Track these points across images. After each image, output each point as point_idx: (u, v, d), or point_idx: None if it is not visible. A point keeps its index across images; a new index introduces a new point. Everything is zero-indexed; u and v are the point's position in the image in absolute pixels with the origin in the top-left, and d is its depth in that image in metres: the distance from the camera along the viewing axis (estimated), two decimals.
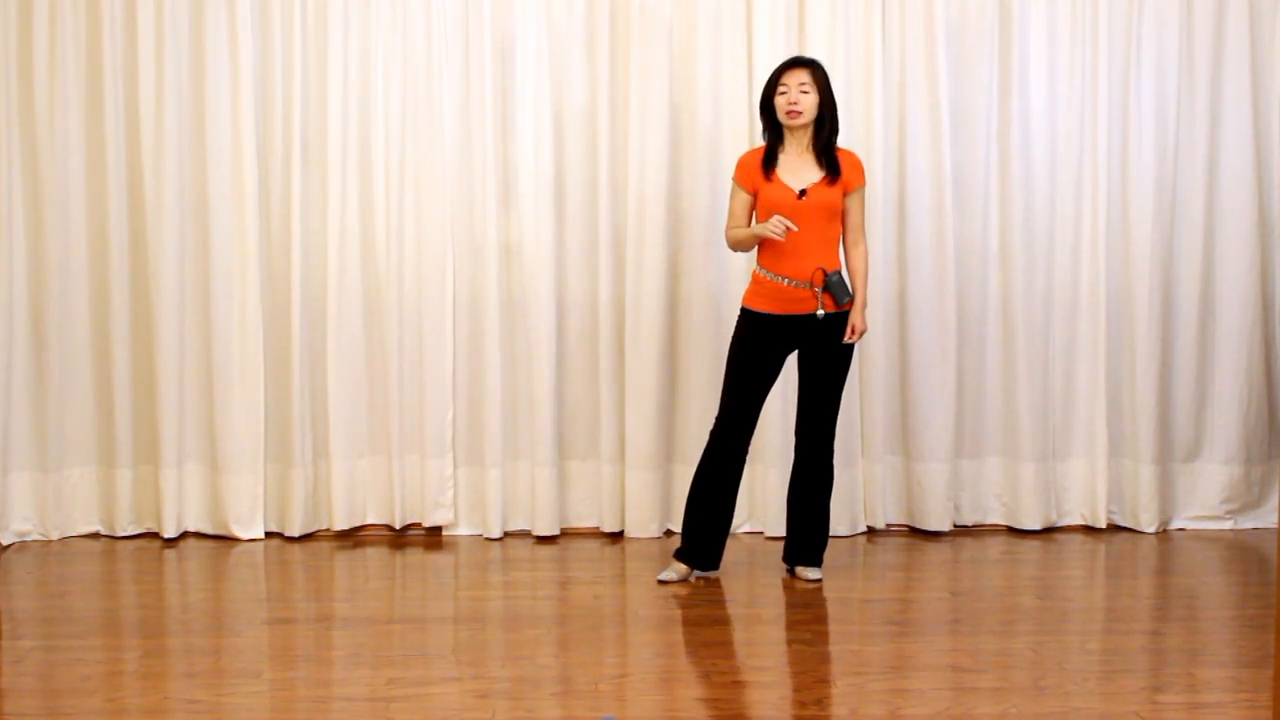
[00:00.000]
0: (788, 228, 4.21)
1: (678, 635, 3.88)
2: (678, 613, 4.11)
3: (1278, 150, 5.22)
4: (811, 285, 4.28)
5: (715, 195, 5.13)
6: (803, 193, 4.31)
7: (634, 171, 5.08)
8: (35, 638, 3.85)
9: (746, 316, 4.38)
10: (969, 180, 5.17)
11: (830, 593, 4.36)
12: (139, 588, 4.57)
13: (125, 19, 5.07)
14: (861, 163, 4.47)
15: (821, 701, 3.25)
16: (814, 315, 4.29)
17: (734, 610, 4.14)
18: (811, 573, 4.48)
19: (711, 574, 4.51)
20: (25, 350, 5.11)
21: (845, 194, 4.37)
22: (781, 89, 4.33)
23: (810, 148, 4.37)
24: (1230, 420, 5.26)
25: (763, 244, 4.34)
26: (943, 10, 5.09)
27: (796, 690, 3.34)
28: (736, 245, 4.43)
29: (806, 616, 4.06)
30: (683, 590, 4.35)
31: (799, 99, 4.31)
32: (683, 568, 4.45)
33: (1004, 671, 3.48)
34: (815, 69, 4.36)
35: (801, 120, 4.32)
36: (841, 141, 5.04)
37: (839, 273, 4.31)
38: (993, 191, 5.17)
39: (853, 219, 4.41)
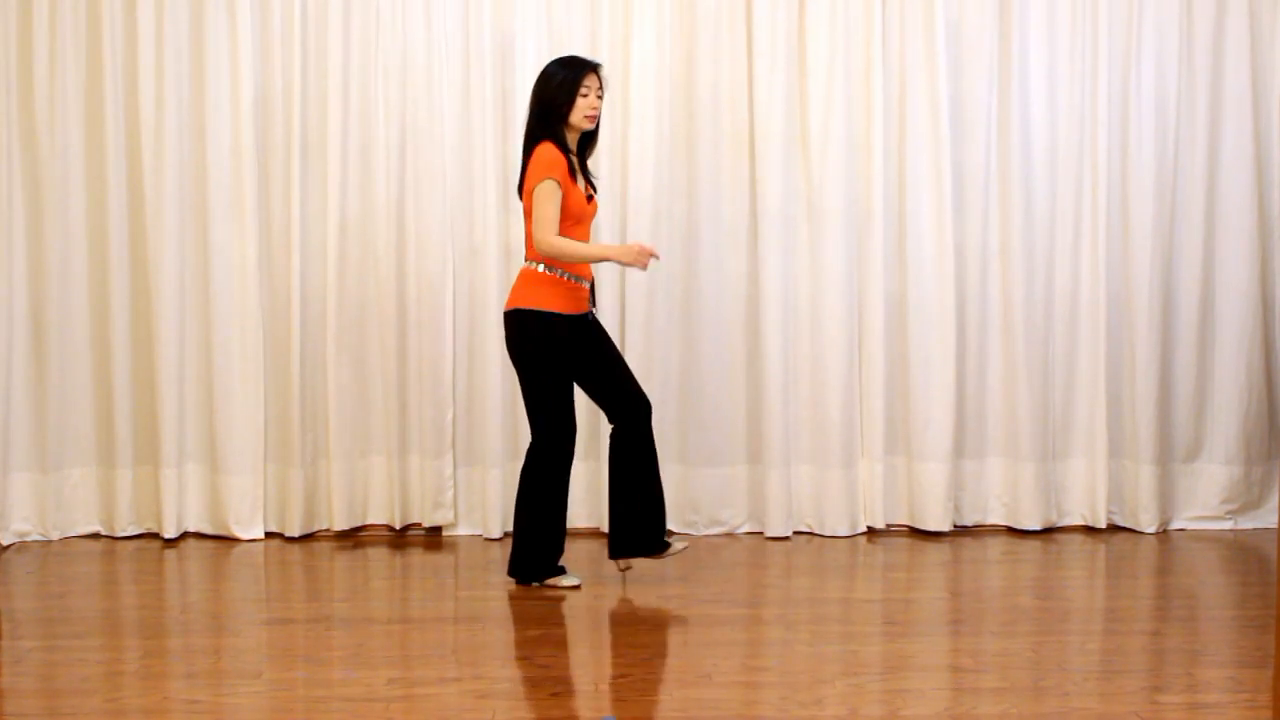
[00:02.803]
0: (653, 257, 4.25)
1: (678, 635, 3.88)
2: (678, 613, 4.11)
3: (1278, 150, 5.22)
4: (588, 285, 4.34)
5: (715, 195, 5.13)
6: (590, 198, 4.33)
7: (633, 171, 5.08)
8: (35, 638, 3.85)
9: (550, 319, 4.22)
10: (969, 180, 5.17)
11: (830, 593, 4.36)
12: (139, 588, 4.57)
13: (125, 19, 5.07)
14: None
15: (821, 701, 3.25)
16: (588, 314, 4.34)
17: (734, 610, 4.14)
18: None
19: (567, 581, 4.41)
20: (25, 350, 5.11)
21: None
22: (584, 90, 4.25)
23: (577, 153, 4.35)
24: (1230, 420, 5.26)
25: None
26: (943, 10, 5.09)
27: (796, 690, 3.34)
28: (576, 256, 4.19)
29: (806, 616, 4.06)
30: (681, 591, 4.35)
31: (597, 104, 4.28)
32: (575, 576, 4.41)
33: (1004, 671, 3.48)
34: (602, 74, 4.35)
35: (595, 124, 4.31)
36: (841, 141, 5.08)
37: None
38: (993, 191, 5.18)
39: None
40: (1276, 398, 5.32)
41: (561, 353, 4.27)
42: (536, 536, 4.37)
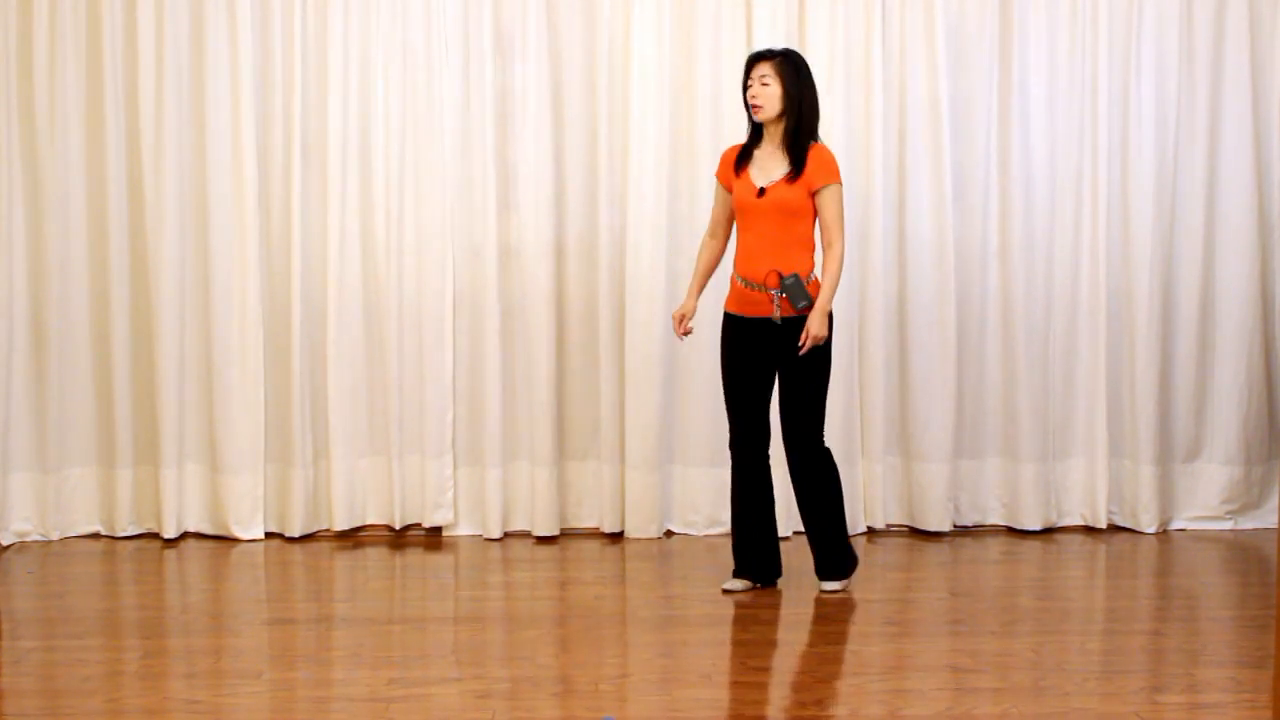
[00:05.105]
0: (685, 331, 4.34)
1: (678, 635, 3.88)
2: (678, 613, 4.11)
3: (1278, 151, 5.22)
4: (765, 288, 4.17)
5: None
6: (762, 191, 4.22)
7: (634, 171, 5.08)
8: (35, 638, 3.85)
9: (724, 319, 4.34)
10: (969, 180, 5.17)
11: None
12: (139, 588, 4.57)
13: (125, 19, 5.07)
14: (833, 160, 4.26)
15: (821, 701, 3.25)
16: (772, 319, 4.18)
17: (734, 610, 4.14)
18: (827, 585, 4.30)
19: (771, 586, 4.37)
20: (25, 350, 5.11)
21: (811, 193, 4.19)
22: (749, 84, 4.26)
23: (781, 144, 4.27)
24: (1230, 421, 5.26)
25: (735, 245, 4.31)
26: (943, 10, 5.09)
27: (796, 690, 3.34)
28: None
29: (806, 616, 4.06)
30: (682, 591, 4.35)
31: (759, 92, 4.22)
32: (742, 582, 4.34)
33: (1004, 672, 3.48)
34: (781, 61, 4.23)
35: (764, 114, 4.22)
36: (841, 141, 5.06)
37: (796, 275, 4.13)
38: (993, 191, 5.18)
39: (822, 218, 4.21)
40: (1276, 398, 5.32)
41: (727, 350, 4.25)
42: (732, 536, 4.39)
